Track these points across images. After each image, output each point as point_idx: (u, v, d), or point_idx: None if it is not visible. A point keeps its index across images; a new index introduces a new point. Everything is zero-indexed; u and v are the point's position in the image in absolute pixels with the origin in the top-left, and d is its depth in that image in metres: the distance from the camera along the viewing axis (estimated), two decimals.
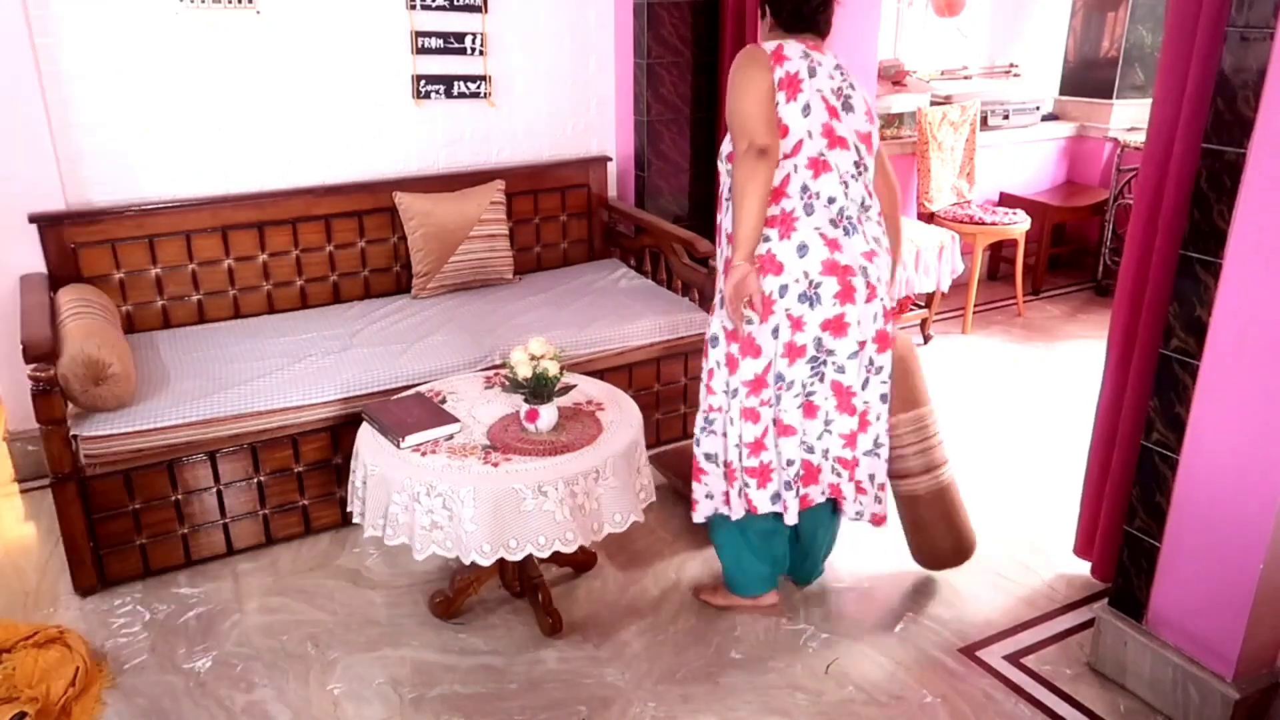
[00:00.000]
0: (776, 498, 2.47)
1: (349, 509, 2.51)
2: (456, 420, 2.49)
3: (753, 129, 2.24)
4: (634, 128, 4.10)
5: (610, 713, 2.31)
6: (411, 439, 2.39)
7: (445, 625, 2.62)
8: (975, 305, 4.89)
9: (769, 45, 2.33)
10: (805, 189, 2.32)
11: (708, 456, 2.50)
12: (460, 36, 3.73)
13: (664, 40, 3.91)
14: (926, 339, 4.66)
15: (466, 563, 2.27)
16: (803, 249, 2.31)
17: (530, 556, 2.32)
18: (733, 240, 2.28)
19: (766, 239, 2.31)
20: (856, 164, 2.40)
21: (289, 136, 3.54)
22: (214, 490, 2.82)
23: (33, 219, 3.11)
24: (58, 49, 3.10)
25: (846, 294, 2.32)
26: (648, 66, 3.92)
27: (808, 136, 2.31)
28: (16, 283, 3.13)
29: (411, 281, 3.67)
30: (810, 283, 2.31)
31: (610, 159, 4.15)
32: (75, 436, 2.61)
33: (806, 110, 2.31)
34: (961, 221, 4.76)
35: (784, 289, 2.31)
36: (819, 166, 2.32)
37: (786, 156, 2.31)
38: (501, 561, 2.61)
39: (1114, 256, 5.27)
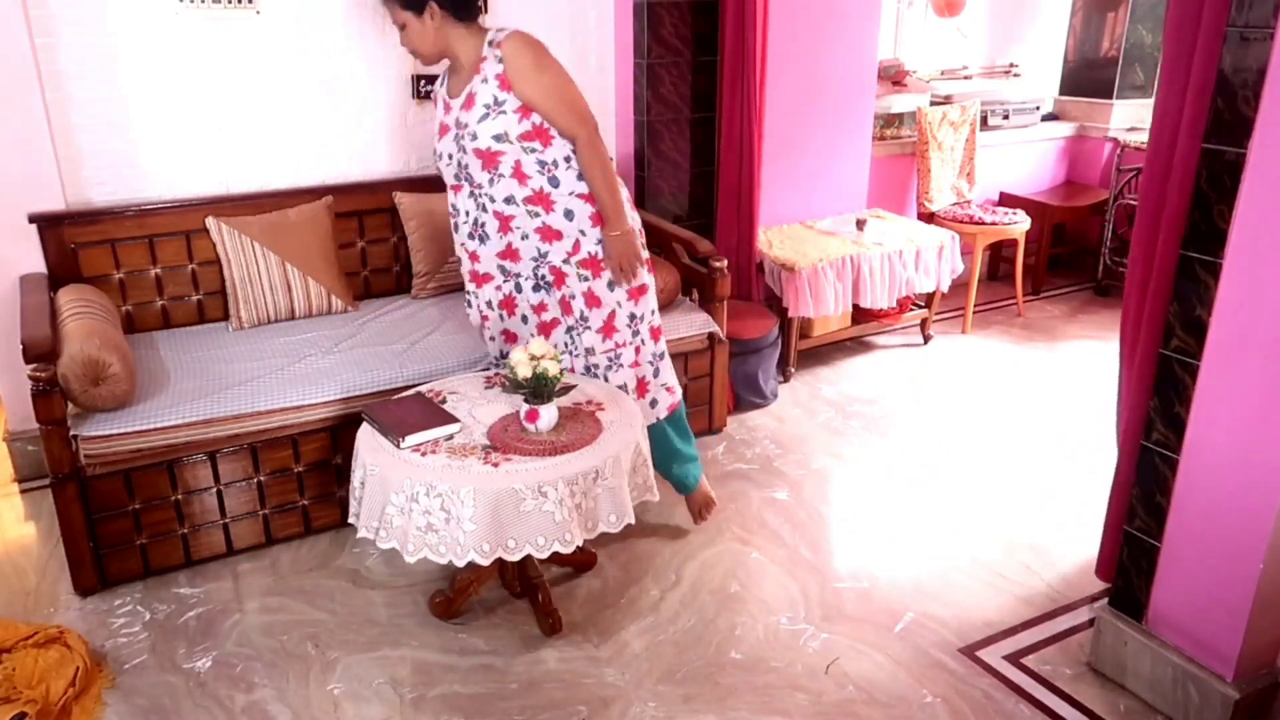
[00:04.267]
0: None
1: (350, 509, 2.50)
2: (456, 420, 2.48)
3: (587, 110, 2.61)
4: (634, 128, 4.10)
5: (610, 713, 2.31)
6: (411, 439, 2.39)
7: (445, 625, 2.62)
8: (975, 305, 4.89)
9: (510, 27, 2.61)
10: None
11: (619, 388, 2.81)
12: None
13: (664, 40, 3.91)
14: (926, 339, 4.66)
15: (461, 564, 2.27)
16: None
17: (530, 556, 2.32)
18: (612, 212, 2.63)
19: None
20: None
21: (289, 136, 3.54)
22: (214, 490, 2.82)
23: (33, 219, 3.11)
24: (58, 49, 3.10)
25: None
26: (648, 66, 3.92)
27: None
28: (16, 283, 3.13)
29: (411, 281, 3.67)
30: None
31: (610, 159, 4.15)
32: (75, 436, 2.61)
33: None
34: (961, 221, 4.76)
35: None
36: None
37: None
38: (501, 561, 2.61)
39: (1114, 256, 5.27)
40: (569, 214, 2.64)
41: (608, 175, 2.63)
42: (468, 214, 2.70)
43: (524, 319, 2.81)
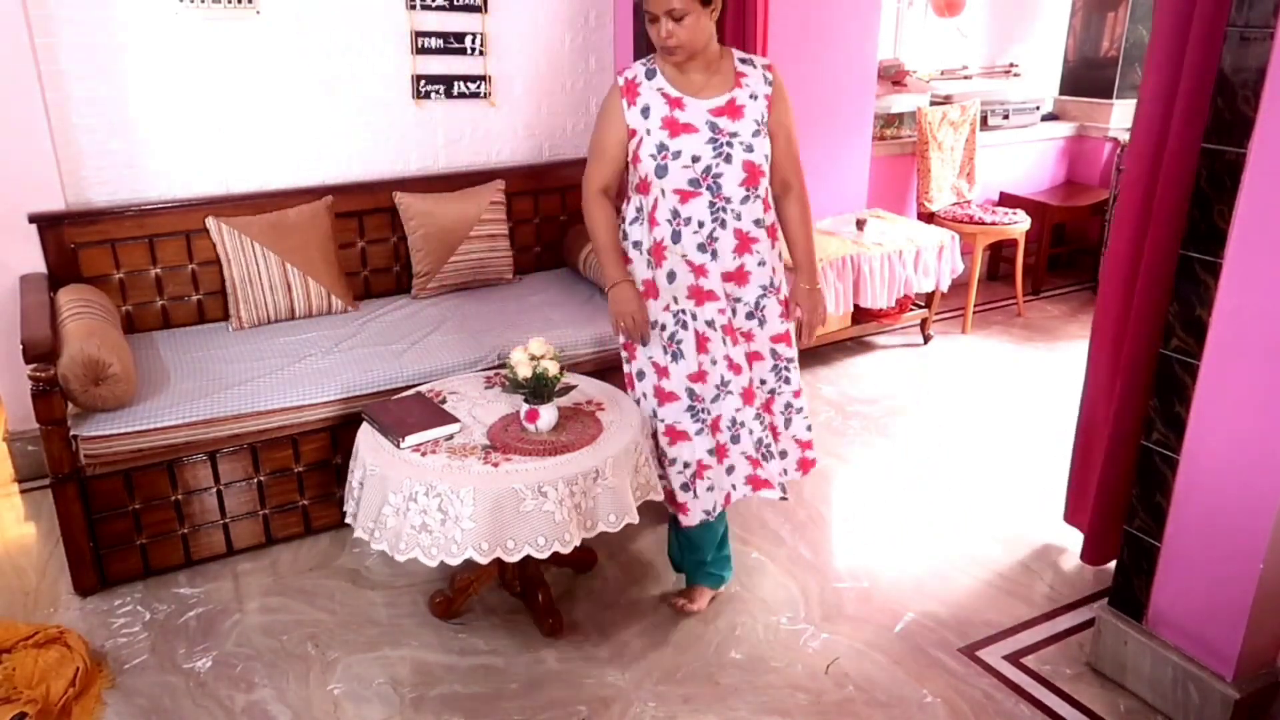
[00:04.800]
0: None
1: (344, 508, 2.50)
2: (456, 420, 2.48)
3: None
4: None
5: (610, 713, 2.31)
6: (411, 439, 2.39)
7: (445, 625, 2.62)
8: (975, 305, 4.89)
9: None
10: None
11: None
12: (460, 36, 3.73)
13: None
14: (926, 339, 4.66)
15: (456, 564, 2.27)
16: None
17: (530, 557, 2.32)
18: (812, 266, 2.59)
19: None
20: None
21: (289, 136, 3.54)
22: (214, 490, 2.82)
23: (33, 219, 3.11)
24: (58, 49, 3.10)
25: None
26: None
27: None
28: (16, 283, 3.13)
29: (411, 281, 3.67)
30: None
31: None
32: (75, 436, 2.61)
33: None
34: (961, 221, 4.76)
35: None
36: None
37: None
38: (501, 561, 2.61)
39: None
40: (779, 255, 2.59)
41: (811, 228, 2.61)
42: (700, 225, 2.43)
43: (746, 355, 2.58)
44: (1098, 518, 2.66)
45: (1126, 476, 2.44)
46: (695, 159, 2.38)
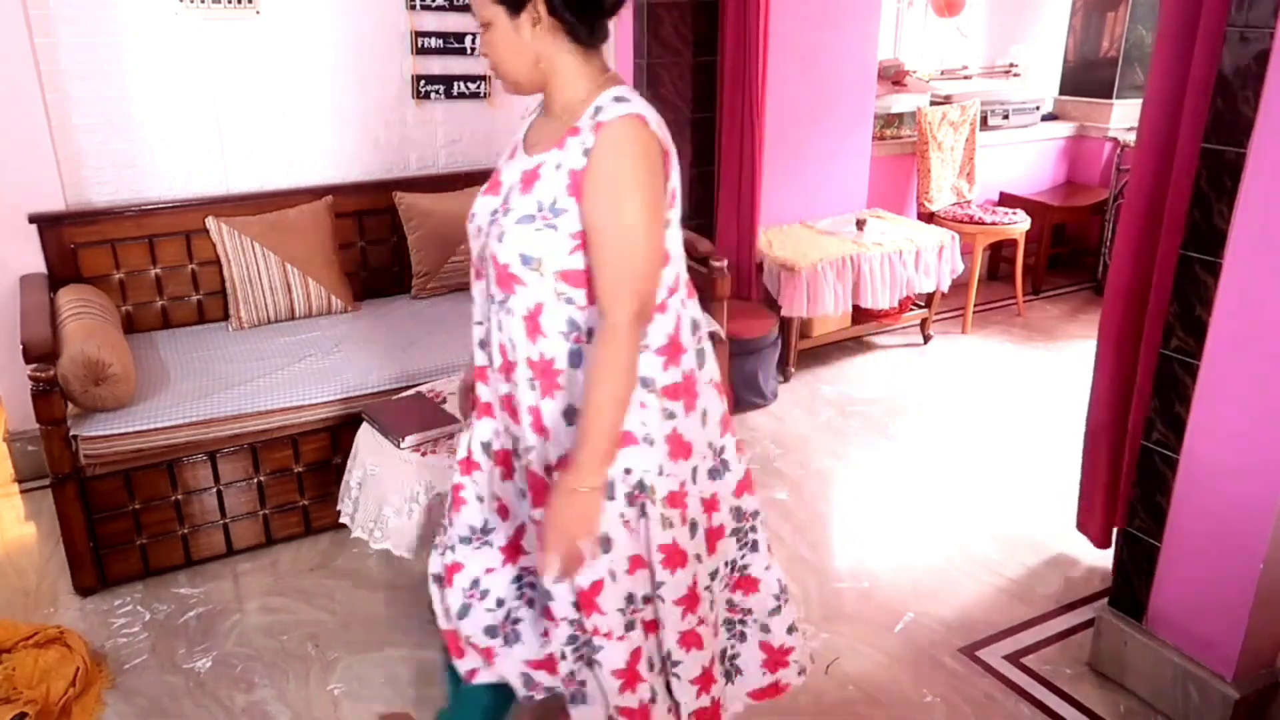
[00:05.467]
0: None
1: (338, 508, 2.50)
2: (457, 420, 2.48)
3: (650, 284, 1.54)
4: None
5: None
6: (411, 439, 2.39)
7: None
8: (975, 305, 4.89)
9: (636, 102, 1.52)
10: (695, 326, 1.67)
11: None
12: (460, 36, 3.73)
13: (664, 40, 3.91)
14: (926, 339, 4.66)
15: None
16: (705, 416, 1.68)
17: None
18: (591, 451, 1.51)
19: (671, 415, 1.62)
20: None
21: (289, 137, 3.54)
22: (214, 490, 2.82)
23: (33, 219, 3.11)
24: (57, 49, 3.10)
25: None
26: (648, 66, 3.92)
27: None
28: (16, 283, 3.13)
29: (411, 281, 3.67)
30: (716, 452, 1.73)
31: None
32: (75, 436, 2.61)
33: (672, 201, 1.61)
34: (961, 221, 4.76)
35: (694, 471, 1.67)
36: (690, 289, 1.69)
37: (671, 292, 1.62)
38: None
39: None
40: (568, 414, 1.62)
41: (618, 388, 1.52)
42: (484, 318, 1.69)
43: (521, 493, 1.74)
44: (1107, 519, 2.64)
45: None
46: (481, 230, 1.63)
